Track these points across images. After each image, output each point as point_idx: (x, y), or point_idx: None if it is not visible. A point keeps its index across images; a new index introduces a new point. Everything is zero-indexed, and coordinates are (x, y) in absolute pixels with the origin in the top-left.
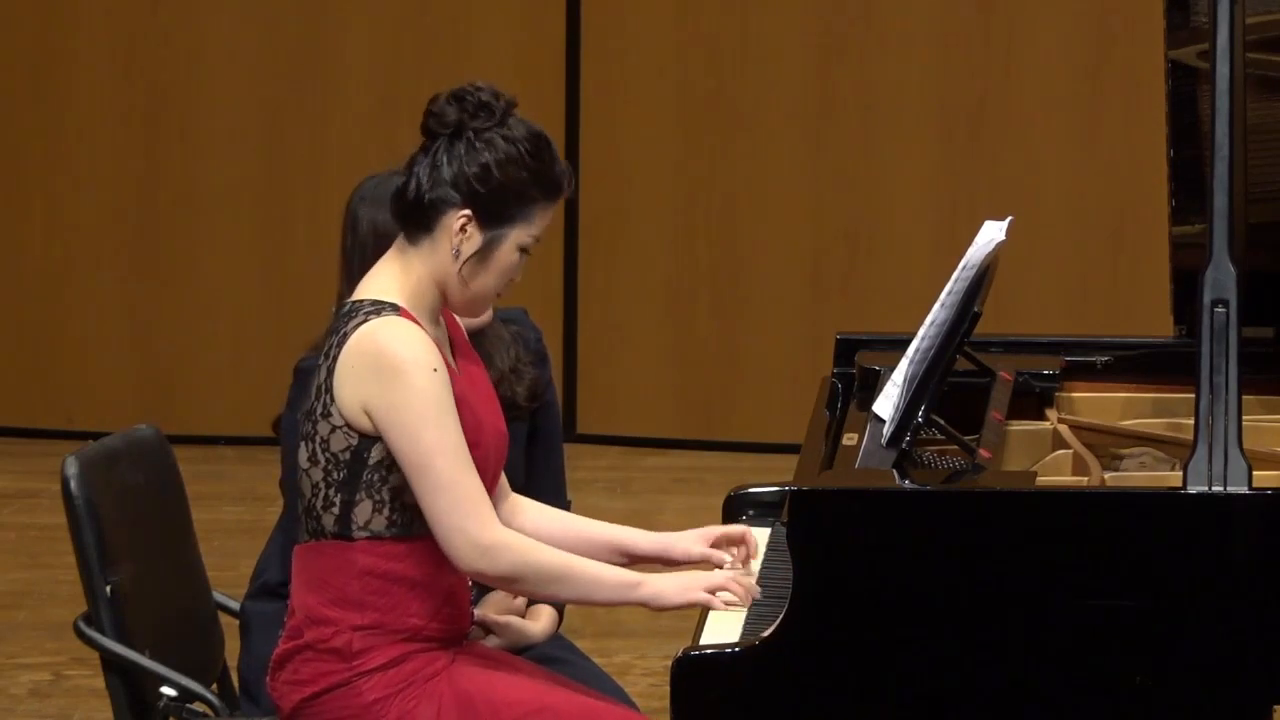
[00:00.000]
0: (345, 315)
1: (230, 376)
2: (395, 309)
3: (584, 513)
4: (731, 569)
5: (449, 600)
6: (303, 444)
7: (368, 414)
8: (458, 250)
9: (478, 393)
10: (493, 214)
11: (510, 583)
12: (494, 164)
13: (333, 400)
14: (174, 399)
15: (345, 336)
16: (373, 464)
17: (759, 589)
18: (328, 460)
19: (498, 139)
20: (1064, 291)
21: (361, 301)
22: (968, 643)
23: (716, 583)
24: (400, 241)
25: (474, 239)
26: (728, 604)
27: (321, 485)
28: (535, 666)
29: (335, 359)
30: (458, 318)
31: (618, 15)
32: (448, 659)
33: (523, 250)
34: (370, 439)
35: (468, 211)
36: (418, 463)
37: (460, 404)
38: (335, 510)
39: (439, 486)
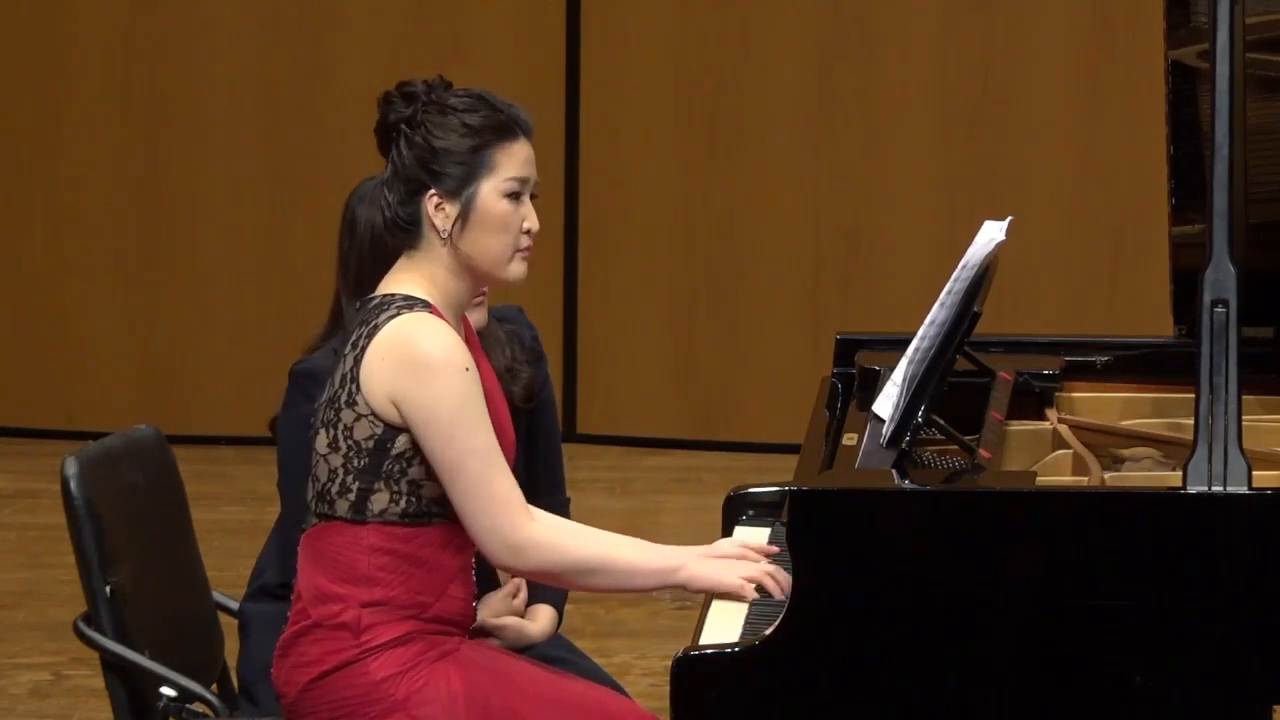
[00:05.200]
0: (376, 308)
1: (230, 376)
2: (427, 305)
3: (584, 513)
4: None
5: (455, 582)
6: (322, 430)
7: (397, 407)
8: (444, 229)
9: (492, 391)
10: (454, 179)
11: (546, 577)
12: (432, 137)
13: (359, 389)
14: (174, 399)
15: (376, 328)
16: (395, 454)
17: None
18: (349, 447)
19: (429, 116)
20: (1064, 291)
21: (393, 295)
22: (967, 643)
23: (753, 574)
24: (407, 251)
25: (450, 211)
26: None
27: (340, 471)
28: (539, 661)
29: (364, 349)
30: (471, 317)
31: (618, 15)
32: (455, 643)
33: (510, 196)
34: (395, 430)
35: (433, 191)
36: (450, 463)
37: (487, 402)
38: (351, 496)
39: (471, 488)
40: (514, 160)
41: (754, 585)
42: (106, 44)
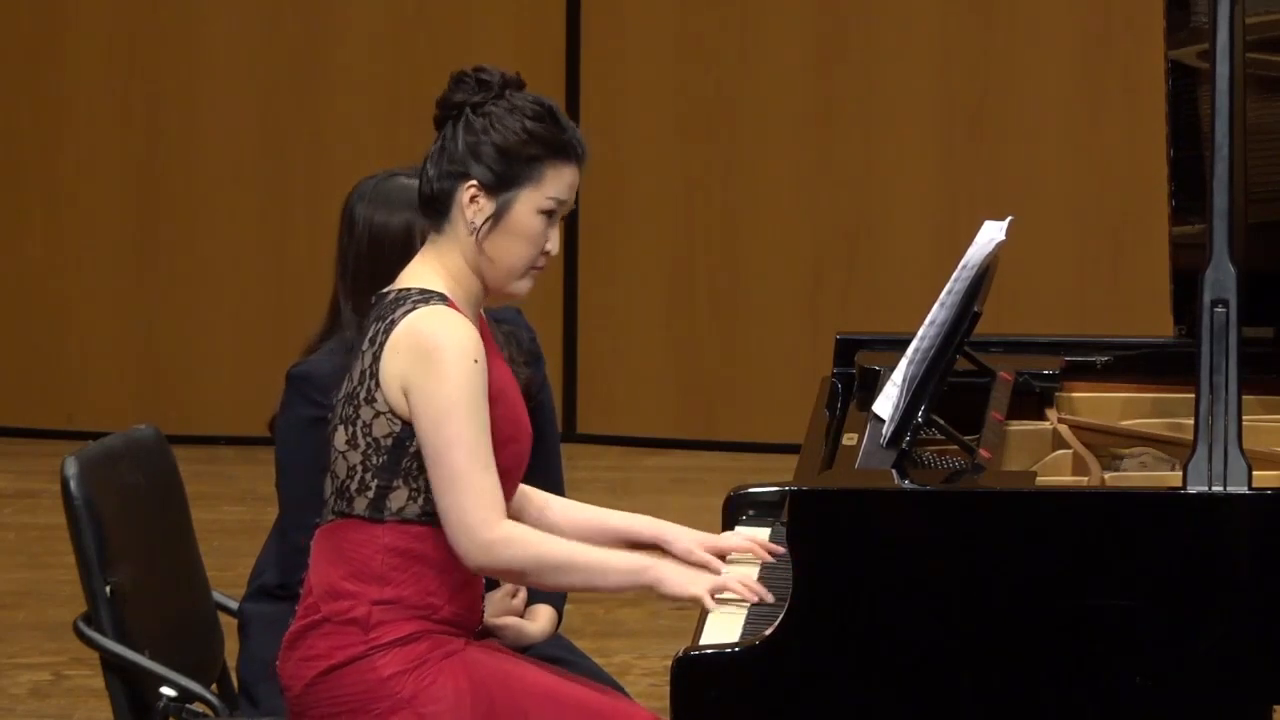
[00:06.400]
0: (393, 302)
1: (230, 376)
2: (443, 299)
3: None
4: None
5: (467, 585)
6: (341, 427)
7: (405, 395)
8: (473, 222)
9: (509, 388)
10: (498, 179)
11: (515, 576)
12: (492, 130)
13: (377, 386)
14: (174, 399)
15: (393, 324)
16: (414, 452)
17: (768, 593)
18: (368, 445)
19: (496, 109)
20: (1064, 291)
21: (409, 290)
22: (967, 643)
23: (720, 583)
24: (431, 235)
25: (485, 208)
26: (723, 603)
27: (359, 468)
28: (540, 661)
29: (382, 345)
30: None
31: (618, 15)
32: (461, 643)
33: (545, 213)
34: (412, 426)
35: (474, 182)
36: (435, 452)
37: (501, 399)
38: (370, 494)
39: (451, 479)
40: (560, 181)
41: (718, 596)
42: (106, 44)
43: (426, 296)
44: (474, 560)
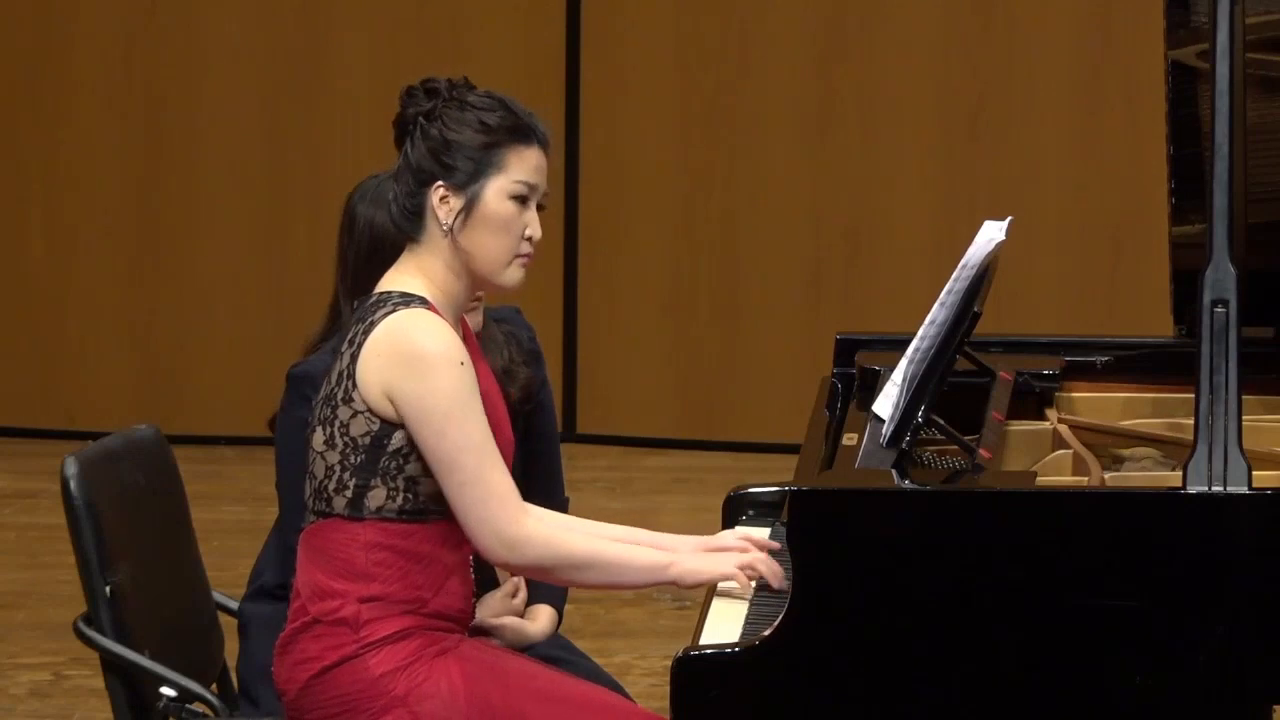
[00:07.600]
0: (373, 305)
1: (230, 376)
2: (424, 302)
3: (584, 513)
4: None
5: (454, 578)
6: (319, 428)
7: (391, 401)
8: (446, 222)
9: (491, 392)
10: (463, 174)
11: (540, 573)
12: (448, 131)
13: (355, 386)
14: (174, 399)
15: (373, 325)
16: (391, 450)
17: (784, 575)
18: (346, 444)
19: (449, 111)
20: (1064, 291)
21: (390, 293)
22: (967, 643)
23: (746, 561)
24: (410, 245)
25: (455, 205)
26: (751, 581)
27: (337, 468)
28: (540, 660)
29: (361, 346)
30: (468, 320)
31: (618, 15)
32: (455, 640)
33: (517, 199)
34: (391, 425)
35: (440, 183)
36: (444, 458)
37: (484, 402)
38: (348, 493)
39: (466, 483)
40: (525, 164)
41: (748, 576)
42: (106, 44)
43: (407, 300)
44: (498, 558)
